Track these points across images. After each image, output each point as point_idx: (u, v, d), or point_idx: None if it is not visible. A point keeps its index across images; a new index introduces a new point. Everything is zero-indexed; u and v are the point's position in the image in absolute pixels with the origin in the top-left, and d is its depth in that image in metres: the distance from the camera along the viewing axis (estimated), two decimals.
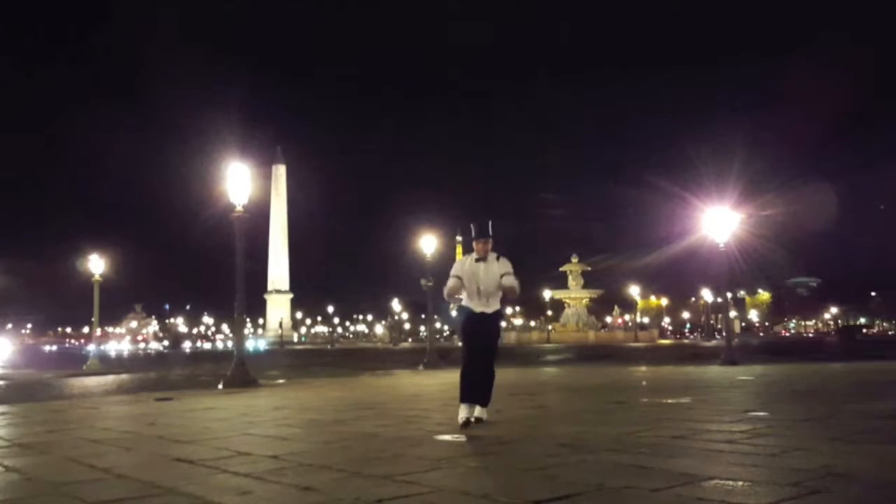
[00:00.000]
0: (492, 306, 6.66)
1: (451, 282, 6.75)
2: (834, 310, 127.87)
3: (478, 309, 6.64)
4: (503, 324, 7.25)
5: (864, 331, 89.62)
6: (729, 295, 24.95)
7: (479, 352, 6.66)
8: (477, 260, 6.63)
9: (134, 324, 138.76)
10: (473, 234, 6.70)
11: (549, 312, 79.74)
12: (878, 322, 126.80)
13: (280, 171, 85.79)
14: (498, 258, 6.67)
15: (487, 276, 6.58)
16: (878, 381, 11.50)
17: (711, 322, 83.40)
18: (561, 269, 69.47)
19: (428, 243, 24.45)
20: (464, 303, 6.74)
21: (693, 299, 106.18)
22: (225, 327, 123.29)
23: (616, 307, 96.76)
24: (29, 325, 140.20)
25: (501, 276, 6.59)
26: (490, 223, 6.69)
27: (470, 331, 6.71)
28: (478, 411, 6.56)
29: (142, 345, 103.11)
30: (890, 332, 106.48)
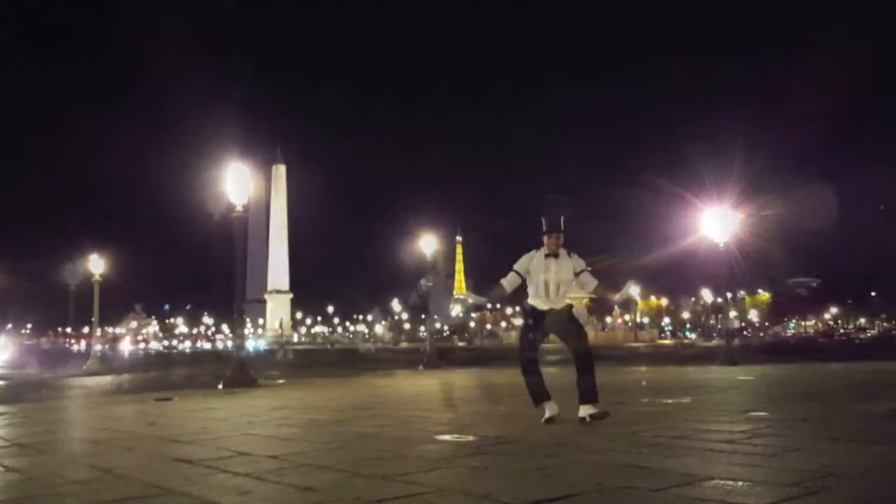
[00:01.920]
0: (561, 302, 6.40)
1: (511, 277, 6.45)
2: (834, 310, 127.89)
3: (544, 306, 6.38)
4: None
5: (743, 332, 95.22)
6: (729, 295, 24.96)
7: (572, 343, 6.47)
8: (547, 255, 6.38)
9: (134, 324, 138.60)
10: (545, 228, 6.42)
11: None
12: (878, 322, 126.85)
13: (280, 171, 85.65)
14: (570, 254, 6.43)
15: (561, 271, 6.36)
16: (877, 381, 11.50)
17: (712, 322, 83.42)
18: None
19: (428, 243, 24.46)
20: (529, 300, 6.47)
21: (693, 299, 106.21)
22: (225, 327, 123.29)
23: (616, 307, 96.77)
24: (29, 325, 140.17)
25: (578, 273, 6.40)
26: (562, 217, 6.42)
27: (534, 330, 6.45)
28: (584, 409, 6.34)
29: (141, 345, 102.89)
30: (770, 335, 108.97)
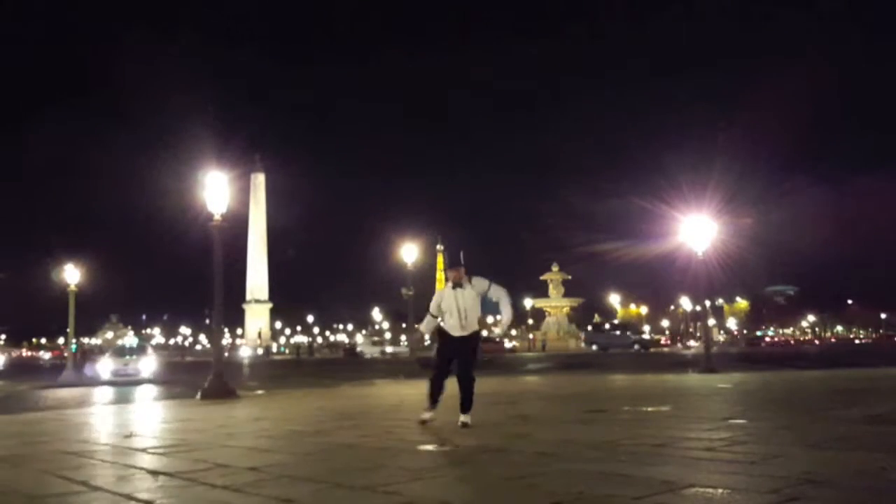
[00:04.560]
0: (469, 329, 7.09)
1: (427, 320, 7.36)
2: (811, 318, 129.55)
3: (456, 333, 7.09)
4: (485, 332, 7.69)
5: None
6: (707, 303, 25.18)
7: (460, 366, 7.13)
8: (453, 287, 7.10)
9: (110, 334, 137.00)
10: (446, 263, 7.29)
11: (531, 321, 79.94)
12: (854, 330, 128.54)
13: (259, 180, 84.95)
14: (470, 280, 7.10)
15: (465, 300, 7.04)
16: (854, 389, 11.63)
17: (690, 330, 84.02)
18: (542, 277, 69.75)
19: (409, 252, 24.47)
20: (444, 326, 7.19)
21: (672, 307, 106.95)
22: (203, 338, 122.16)
23: (597, 315, 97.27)
24: (3, 336, 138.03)
25: (484, 293, 7.05)
26: (462, 252, 7.16)
27: (446, 351, 7.18)
28: (463, 417, 6.97)
29: (259, 350, 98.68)
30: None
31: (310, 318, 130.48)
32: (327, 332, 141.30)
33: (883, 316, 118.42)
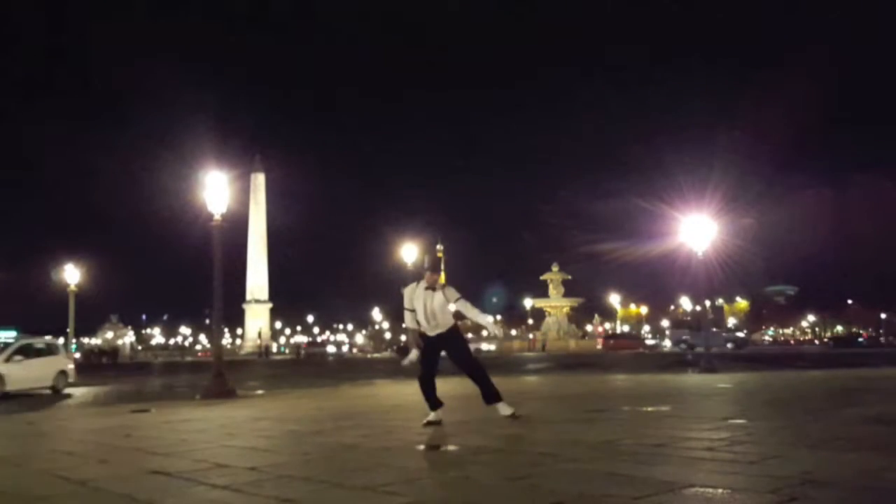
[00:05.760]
0: (442, 327, 7.25)
1: (407, 317, 7.43)
2: (811, 318, 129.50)
3: (431, 333, 7.26)
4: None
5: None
6: (707, 303, 25.19)
7: (456, 361, 7.30)
8: (426, 288, 7.27)
9: (110, 334, 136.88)
10: (426, 265, 7.62)
11: (531, 321, 79.97)
12: (854, 330, 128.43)
13: (259, 180, 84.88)
14: (444, 287, 7.30)
15: (435, 302, 7.20)
16: (855, 388, 11.63)
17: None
18: (542, 277, 69.78)
19: (409, 252, 24.48)
20: (420, 328, 7.37)
21: (672, 307, 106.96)
22: (203, 338, 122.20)
23: (597, 315, 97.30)
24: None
25: (454, 301, 7.25)
26: (442, 260, 7.20)
27: (426, 351, 7.32)
28: (501, 409, 7.25)
29: (338, 348, 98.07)
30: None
31: (310, 318, 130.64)
32: (327, 332, 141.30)
33: (883, 316, 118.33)
